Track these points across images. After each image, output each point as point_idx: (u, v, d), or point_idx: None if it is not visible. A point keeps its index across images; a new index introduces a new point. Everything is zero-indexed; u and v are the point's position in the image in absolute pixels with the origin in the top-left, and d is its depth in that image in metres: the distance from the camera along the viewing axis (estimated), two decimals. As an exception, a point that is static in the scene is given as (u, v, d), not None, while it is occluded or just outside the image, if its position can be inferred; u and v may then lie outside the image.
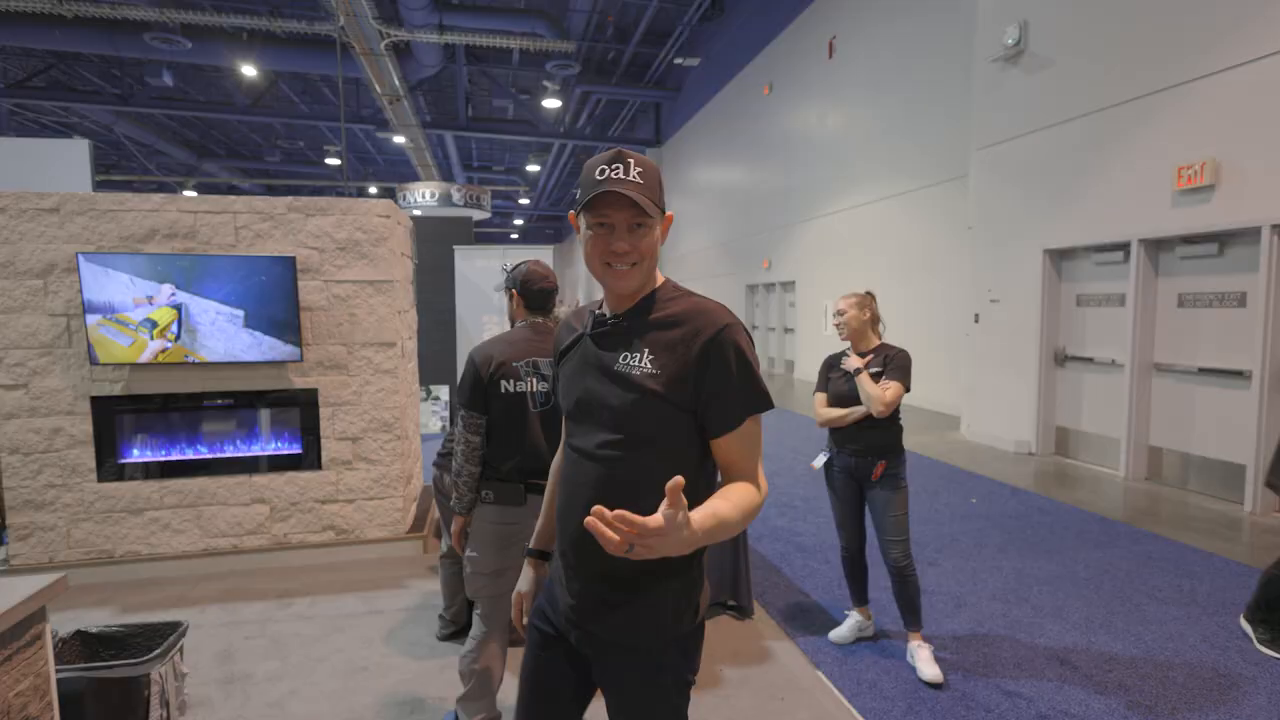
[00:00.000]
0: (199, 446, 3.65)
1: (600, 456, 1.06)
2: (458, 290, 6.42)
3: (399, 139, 16.95)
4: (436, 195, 14.33)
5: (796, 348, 12.75)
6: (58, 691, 1.76)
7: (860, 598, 2.77)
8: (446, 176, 22.77)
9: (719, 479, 1.12)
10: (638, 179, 1.02)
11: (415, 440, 4.42)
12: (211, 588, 3.37)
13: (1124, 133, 5.35)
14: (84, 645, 2.05)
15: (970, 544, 3.95)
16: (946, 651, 2.69)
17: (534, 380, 1.90)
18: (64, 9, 10.95)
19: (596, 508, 0.78)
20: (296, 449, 3.70)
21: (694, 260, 18.44)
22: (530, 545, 1.37)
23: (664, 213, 1.09)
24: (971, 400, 7.09)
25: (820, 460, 2.71)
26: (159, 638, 2.06)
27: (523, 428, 1.89)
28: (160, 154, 20.76)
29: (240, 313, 3.49)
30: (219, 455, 3.65)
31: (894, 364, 2.46)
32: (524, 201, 28.95)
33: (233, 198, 3.53)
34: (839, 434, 2.59)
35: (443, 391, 7.32)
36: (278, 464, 3.68)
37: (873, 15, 9.75)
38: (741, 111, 14.60)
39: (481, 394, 1.88)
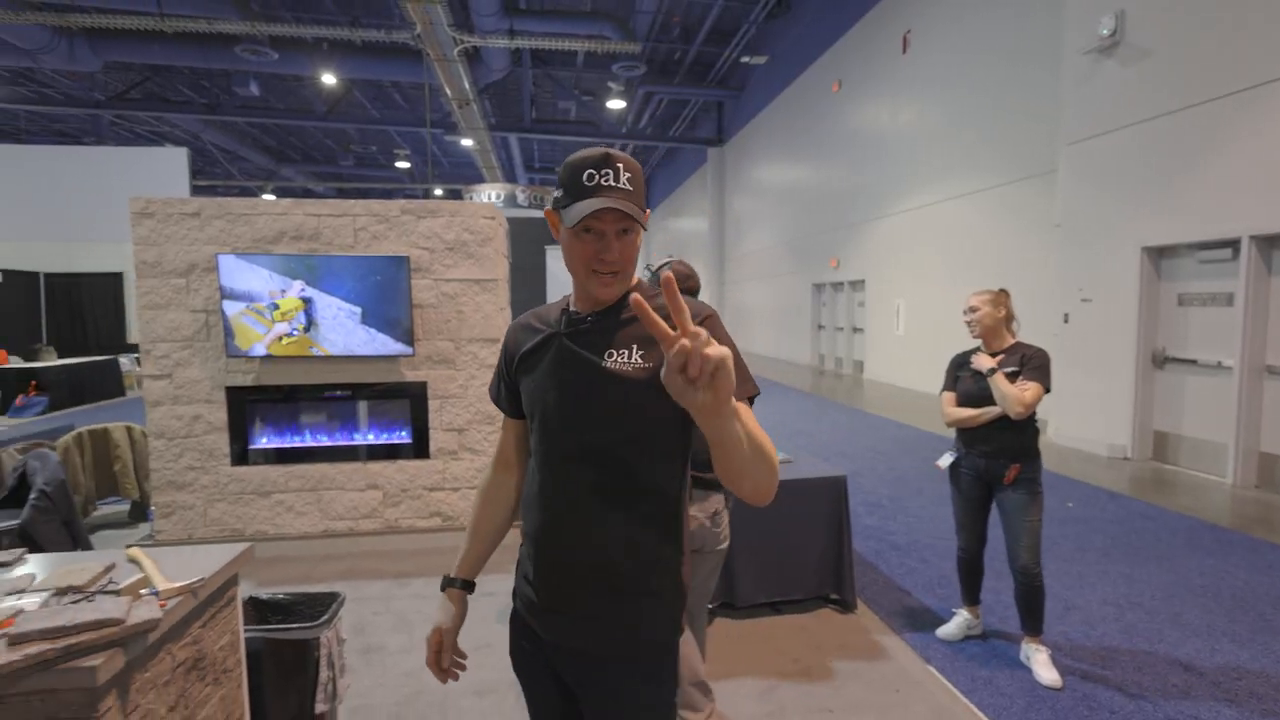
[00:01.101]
0: (319, 434, 3.91)
1: (594, 458, 1.03)
2: (549, 289, 6.62)
3: (466, 142, 17.45)
4: (502, 196, 14.71)
5: (866, 348, 12.53)
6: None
7: (972, 597, 2.77)
8: (509, 178, 23.31)
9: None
10: (627, 185, 0.99)
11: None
12: (333, 567, 3.61)
13: (1232, 124, 5.09)
14: (255, 610, 2.25)
15: (1071, 548, 3.86)
16: (1060, 653, 2.65)
17: None
18: (165, 25, 11.71)
19: (635, 297, 0.70)
20: (407, 439, 3.91)
21: (757, 259, 18.30)
22: (453, 575, 1.25)
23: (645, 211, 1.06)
24: (1059, 402, 6.85)
25: (946, 460, 2.69)
26: (321, 606, 2.24)
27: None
28: (242, 159, 21.99)
29: (358, 309, 3.73)
30: (337, 443, 3.90)
31: (1032, 363, 2.42)
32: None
33: (352, 201, 3.76)
34: (968, 434, 2.58)
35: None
36: (390, 452, 3.91)
37: (951, 8, 9.49)
38: (808, 109, 14.42)
39: None
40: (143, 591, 1.54)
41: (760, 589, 2.89)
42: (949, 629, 2.77)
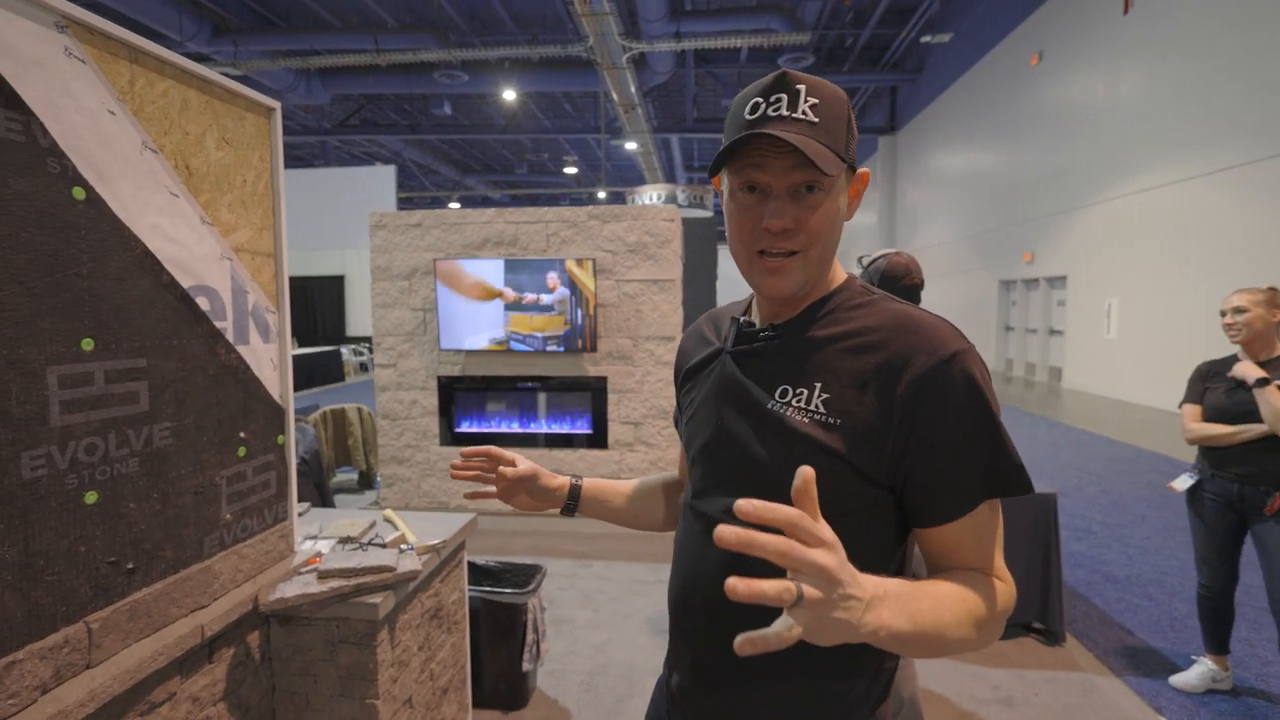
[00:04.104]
0: (511, 421, 4.31)
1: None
2: (719, 289, 6.74)
3: (630, 145, 18.09)
4: (663, 196, 15.05)
5: (1065, 352, 11.16)
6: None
7: (1218, 645, 2.39)
8: (670, 178, 23.81)
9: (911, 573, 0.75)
10: (808, 114, 0.67)
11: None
12: (523, 542, 3.96)
13: None
14: (471, 573, 2.55)
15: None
16: (1343, 726, 2.22)
17: None
18: (380, 58, 13.42)
19: (744, 503, 0.50)
20: (587, 429, 4.18)
21: (935, 254, 17.03)
22: (579, 483, 1.02)
23: (854, 169, 0.73)
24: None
25: (1185, 482, 2.36)
26: (526, 576, 2.49)
27: None
28: (433, 172, 24.58)
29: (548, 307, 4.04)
30: (526, 430, 4.27)
31: None
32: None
33: (545, 209, 4.09)
34: (1217, 455, 2.24)
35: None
36: (572, 441, 4.21)
37: (1184, -45, 8.16)
38: (1000, 87, 13.13)
39: None
40: (402, 546, 1.82)
41: (950, 606, 2.73)
42: (1187, 678, 2.42)
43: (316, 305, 16.49)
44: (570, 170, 24.32)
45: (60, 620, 1.11)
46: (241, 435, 1.51)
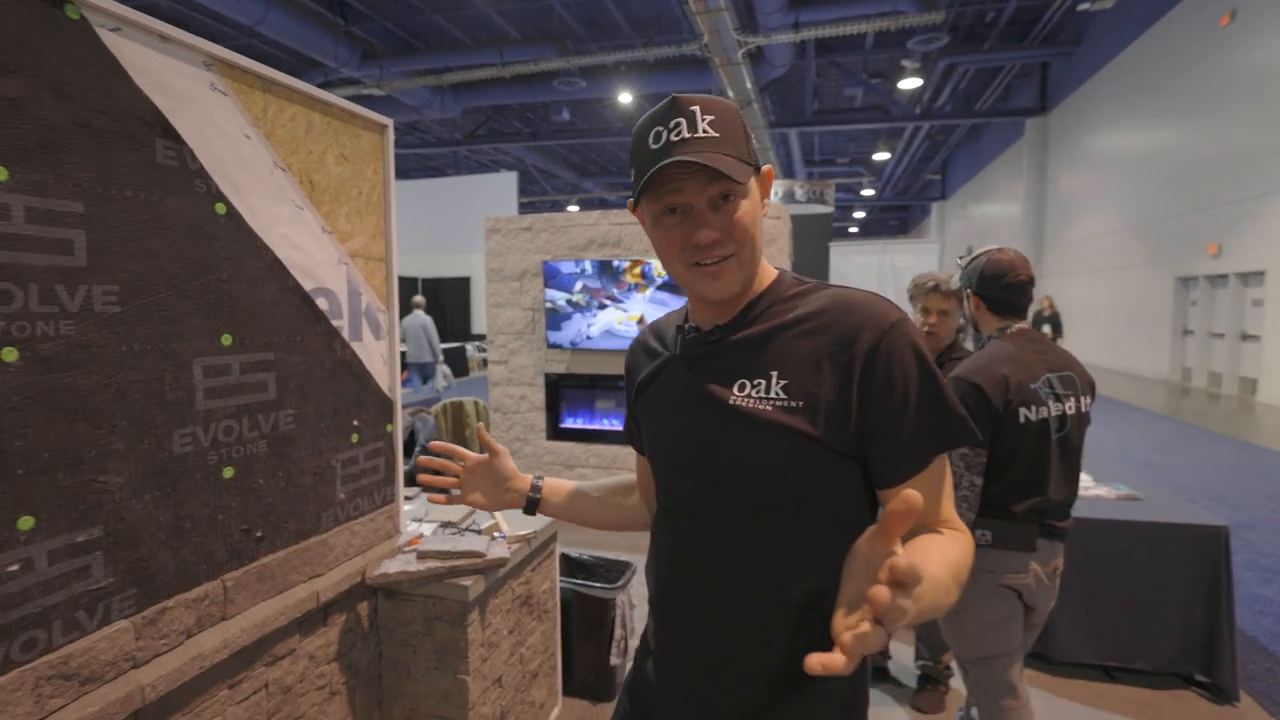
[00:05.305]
0: (613, 419, 4.41)
1: (726, 528, 0.77)
2: None
3: (745, 142, 17.85)
4: (780, 193, 14.71)
5: (1261, 361, 9.60)
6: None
7: None
8: (788, 174, 23.20)
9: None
10: (709, 130, 0.72)
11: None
12: (619, 539, 4.03)
13: None
14: (565, 565, 2.65)
15: None
16: None
17: (1052, 403, 1.61)
18: (505, 71, 14.18)
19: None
20: (687, 428, 4.20)
21: (1091, 247, 15.25)
22: (540, 482, 1.08)
23: (759, 169, 0.78)
24: None
25: None
26: (617, 572, 2.55)
27: (1045, 461, 1.60)
28: (554, 176, 25.61)
29: (649, 305, 4.09)
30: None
31: None
32: (867, 192, 27.88)
33: (649, 209, 4.14)
34: None
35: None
36: (672, 439, 4.24)
37: None
38: (1178, 54, 11.51)
39: (991, 425, 1.58)
40: (495, 534, 1.92)
41: (1087, 646, 2.43)
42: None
43: (445, 305, 17.73)
44: (684, 169, 24.40)
45: (202, 577, 1.28)
46: (354, 423, 1.66)
